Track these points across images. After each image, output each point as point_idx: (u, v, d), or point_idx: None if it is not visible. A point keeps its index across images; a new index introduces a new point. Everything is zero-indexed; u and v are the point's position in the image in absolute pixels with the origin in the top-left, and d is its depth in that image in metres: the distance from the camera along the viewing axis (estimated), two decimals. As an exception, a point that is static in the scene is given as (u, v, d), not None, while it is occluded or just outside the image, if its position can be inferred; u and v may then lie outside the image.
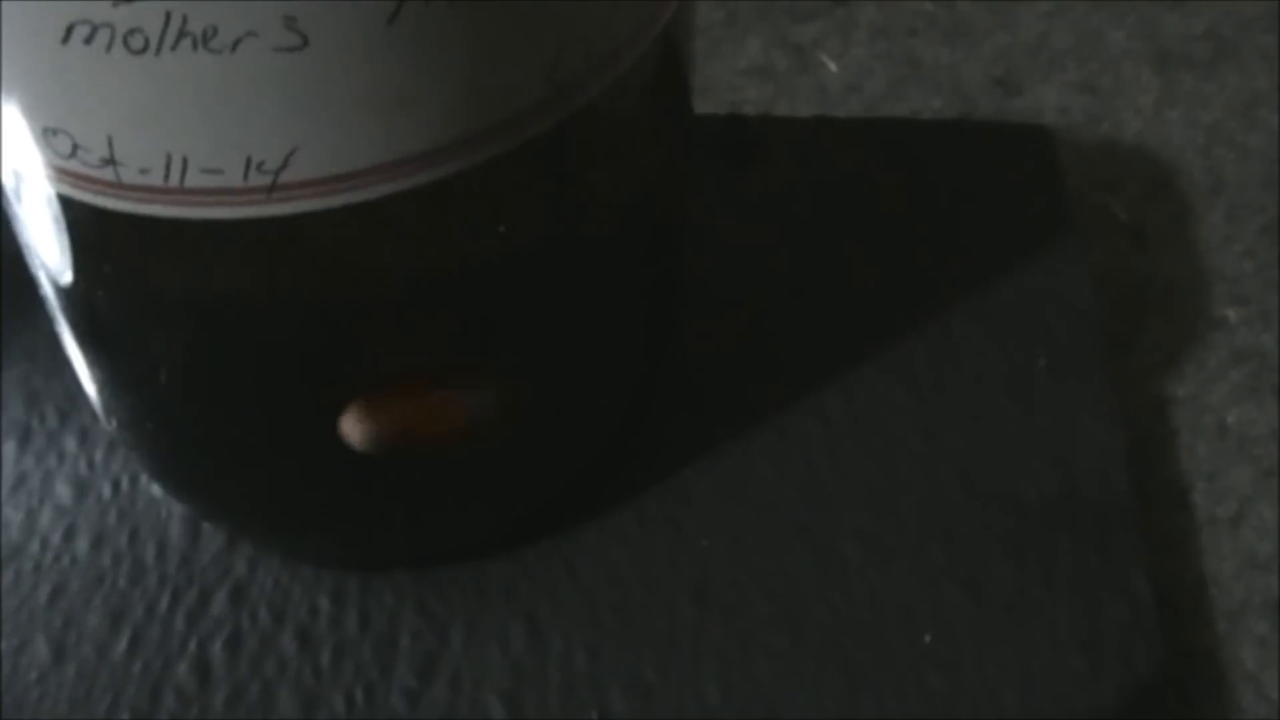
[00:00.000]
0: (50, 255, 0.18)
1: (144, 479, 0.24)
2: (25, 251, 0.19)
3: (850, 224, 0.29)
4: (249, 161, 0.15)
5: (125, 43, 0.14)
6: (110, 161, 0.15)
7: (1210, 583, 0.24)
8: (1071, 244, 0.28)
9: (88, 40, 0.14)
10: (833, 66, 0.35)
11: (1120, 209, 0.31)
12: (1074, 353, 0.26)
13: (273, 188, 0.15)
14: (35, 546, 0.24)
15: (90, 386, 0.21)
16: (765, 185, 0.30)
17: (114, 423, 0.22)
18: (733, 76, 0.35)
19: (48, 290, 0.19)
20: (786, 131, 0.31)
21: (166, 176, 0.15)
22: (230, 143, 0.15)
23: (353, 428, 0.19)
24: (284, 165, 0.15)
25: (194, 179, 0.15)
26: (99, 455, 0.25)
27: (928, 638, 0.22)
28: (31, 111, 0.15)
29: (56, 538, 0.24)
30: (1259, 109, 0.33)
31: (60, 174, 0.16)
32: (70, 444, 0.25)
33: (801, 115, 0.33)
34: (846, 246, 0.28)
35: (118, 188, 0.15)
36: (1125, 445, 0.25)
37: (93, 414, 0.25)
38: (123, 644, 0.22)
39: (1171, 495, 0.25)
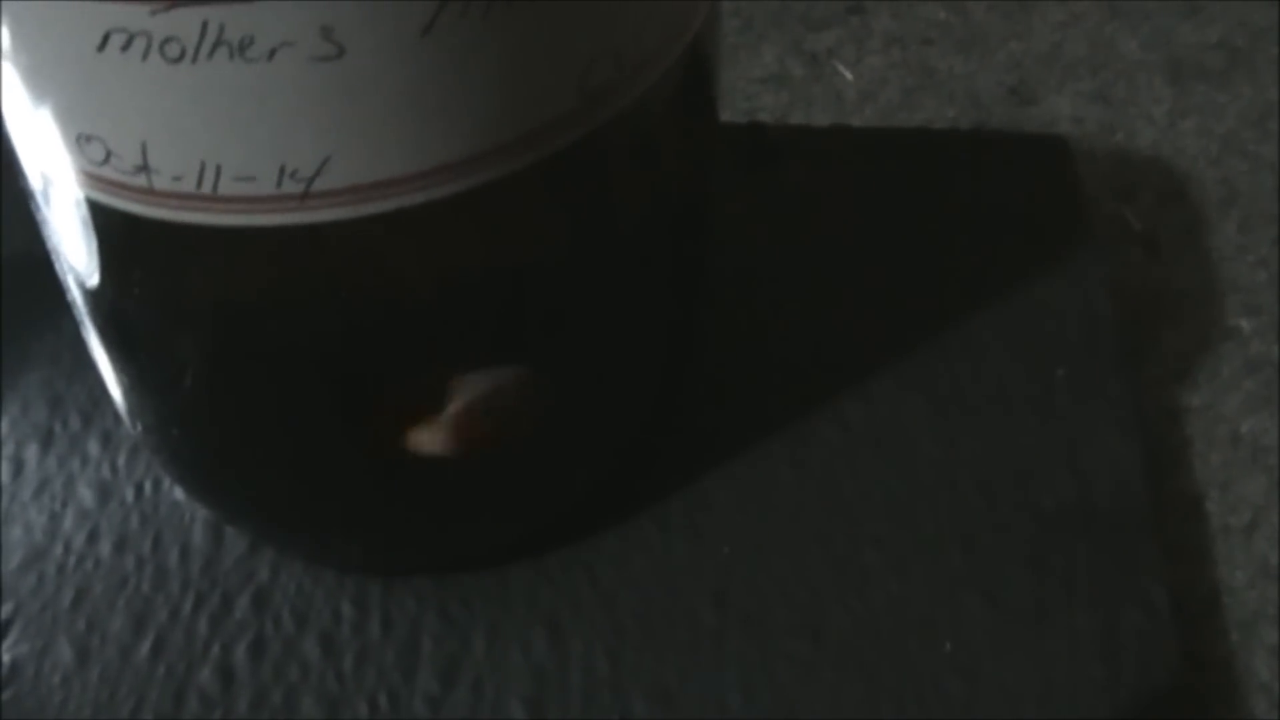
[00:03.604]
0: (79, 260, 0.18)
1: (167, 483, 0.24)
2: (53, 256, 0.19)
3: (865, 232, 0.29)
4: (282, 169, 0.15)
5: (161, 51, 0.14)
6: (143, 168, 0.15)
7: (1223, 592, 0.24)
8: (1086, 253, 0.28)
9: (124, 48, 0.14)
10: (848, 75, 0.35)
11: (1134, 218, 0.31)
12: (1091, 362, 0.26)
13: (305, 196, 0.15)
14: (58, 550, 0.24)
15: (116, 390, 0.21)
16: (781, 193, 0.30)
17: (139, 427, 0.22)
18: (748, 84, 0.35)
19: (75, 294, 0.20)
20: (802, 140, 0.31)
21: (199, 184, 0.15)
22: (264, 151, 0.15)
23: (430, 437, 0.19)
24: (317, 173, 0.15)
25: (227, 186, 0.15)
26: (122, 459, 0.25)
27: (947, 645, 0.22)
28: (65, 118, 0.15)
29: (79, 541, 0.24)
30: (1272, 119, 0.33)
31: (92, 180, 0.16)
32: (93, 448, 0.25)
33: (817, 124, 0.33)
34: (862, 255, 0.28)
35: (150, 194, 0.16)
36: (1142, 454, 0.25)
37: (116, 418, 0.25)
38: (146, 648, 0.22)
39: (1185, 504, 0.25)
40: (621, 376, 0.22)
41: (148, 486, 0.24)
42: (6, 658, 0.22)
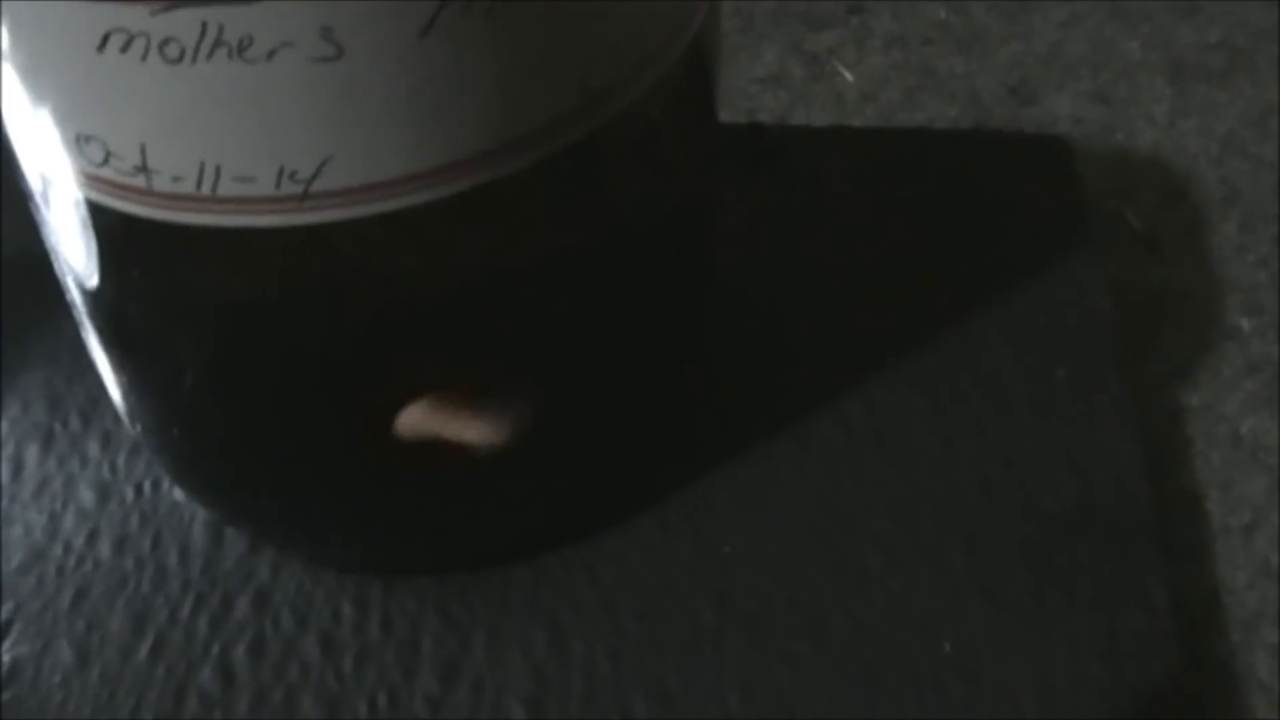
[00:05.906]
0: (78, 260, 0.18)
1: (167, 483, 0.24)
2: (52, 256, 0.19)
3: (866, 233, 0.29)
4: (281, 170, 0.15)
5: (161, 51, 0.14)
6: (143, 169, 0.15)
7: (1224, 592, 0.24)
8: (1087, 253, 0.28)
9: (123, 49, 0.14)
10: (848, 75, 0.35)
11: (1135, 218, 0.31)
12: (1092, 361, 0.26)
13: (305, 196, 0.15)
14: (58, 550, 0.24)
15: (115, 391, 0.21)
16: (781, 194, 0.30)
17: (138, 427, 0.22)
18: (748, 85, 0.35)
19: (75, 294, 0.19)
20: (803, 140, 0.31)
21: (199, 184, 0.15)
22: (263, 151, 0.15)
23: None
24: (316, 174, 0.15)
25: (226, 187, 0.15)
26: (122, 459, 0.25)
27: (947, 645, 0.22)
28: (64, 118, 0.15)
29: (79, 541, 0.24)
30: (1273, 119, 0.33)
31: (92, 181, 0.16)
32: (93, 448, 0.25)
33: (817, 124, 0.33)
34: (863, 255, 0.29)
35: (149, 195, 0.16)
36: (1143, 454, 0.25)
37: (116, 418, 0.25)
38: (146, 648, 0.22)
39: (1185, 504, 0.25)
40: (622, 376, 0.22)
41: (147, 487, 0.24)
42: (6, 658, 0.22)
